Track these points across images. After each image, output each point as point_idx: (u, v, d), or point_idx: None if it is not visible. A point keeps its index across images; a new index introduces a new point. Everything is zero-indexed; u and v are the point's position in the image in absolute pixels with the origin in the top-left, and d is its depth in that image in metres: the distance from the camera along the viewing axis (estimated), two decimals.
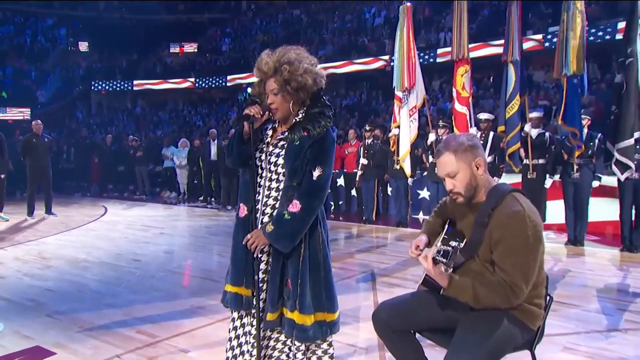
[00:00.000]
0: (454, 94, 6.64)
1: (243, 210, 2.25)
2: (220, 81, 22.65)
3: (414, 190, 8.22)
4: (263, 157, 2.22)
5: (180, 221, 9.03)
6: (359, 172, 8.01)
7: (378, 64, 18.09)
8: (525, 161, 6.65)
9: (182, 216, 9.70)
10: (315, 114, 2.18)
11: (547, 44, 14.43)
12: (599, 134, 6.38)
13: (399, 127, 7.40)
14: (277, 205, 2.18)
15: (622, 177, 5.35)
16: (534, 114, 6.68)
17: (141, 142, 12.81)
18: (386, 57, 17.76)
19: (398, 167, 7.51)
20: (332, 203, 9.77)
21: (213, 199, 11.16)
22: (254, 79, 2.28)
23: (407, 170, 7.34)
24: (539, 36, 14.88)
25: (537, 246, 1.82)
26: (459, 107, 6.58)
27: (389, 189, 9.06)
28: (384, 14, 20.82)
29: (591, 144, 6.26)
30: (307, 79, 2.13)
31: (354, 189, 9.19)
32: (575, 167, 6.25)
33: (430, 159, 7.78)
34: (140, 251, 6.06)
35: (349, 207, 9.58)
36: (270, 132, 2.28)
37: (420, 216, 8.70)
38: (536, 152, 6.62)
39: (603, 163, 6.34)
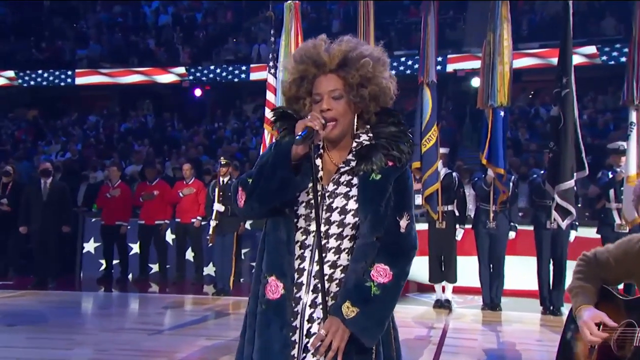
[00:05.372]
0: None
1: (277, 288, 1.91)
2: None
3: None
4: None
5: None
6: (213, 223, 7.38)
7: (170, 78, 17.45)
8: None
9: None
10: (396, 134, 1.93)
11: None
12: (513, 176, 7.22)
13: None
14: (336, 276, 1.90)
15: (564, 225, 6.08)
16: (443, 150, 7.19)
17: None
18: (182, 70, 17.28)
19: None
20: (151, 266, 9.23)
21: None
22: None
23: None
24: None
25: None
26: None
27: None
28: (171, 11, 20.42)
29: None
30: (390, 86, 1.95)
31: (192, 247, 8.89)
32: (492, 214, 6.90)
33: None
34: None
35: (182, 272, 9.09)
36: (319, 163, 1.96)
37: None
38: (445, 196, 7.09)
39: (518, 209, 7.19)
